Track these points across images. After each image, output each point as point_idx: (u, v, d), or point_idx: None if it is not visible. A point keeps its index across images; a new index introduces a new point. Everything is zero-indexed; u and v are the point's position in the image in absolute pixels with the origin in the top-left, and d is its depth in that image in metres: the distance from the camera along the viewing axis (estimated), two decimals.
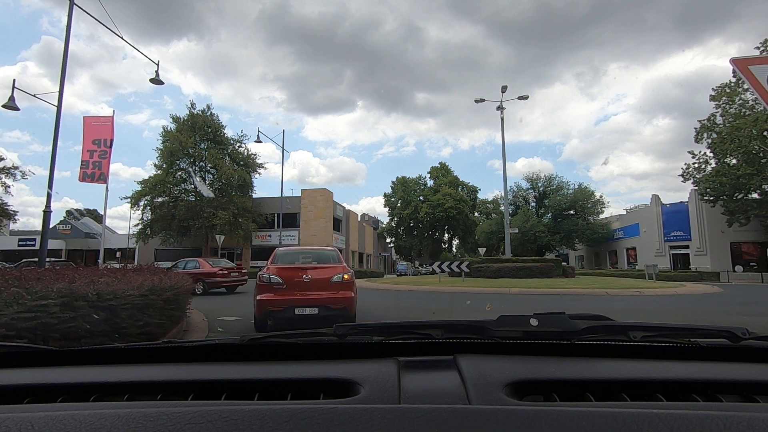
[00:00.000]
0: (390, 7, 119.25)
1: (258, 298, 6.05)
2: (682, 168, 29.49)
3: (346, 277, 6.30)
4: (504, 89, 19.27)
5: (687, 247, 31.12)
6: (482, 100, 20.50)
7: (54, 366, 0.88)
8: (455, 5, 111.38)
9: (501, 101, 19.92)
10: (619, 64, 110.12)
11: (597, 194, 41.57)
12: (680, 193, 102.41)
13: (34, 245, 38.53)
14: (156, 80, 17.07)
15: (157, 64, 17.18)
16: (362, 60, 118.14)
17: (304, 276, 6.14)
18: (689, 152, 29.26)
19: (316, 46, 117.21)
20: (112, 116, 23.75)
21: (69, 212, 50.58)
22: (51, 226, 37.93)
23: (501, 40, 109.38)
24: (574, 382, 0.73)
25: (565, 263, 23.87)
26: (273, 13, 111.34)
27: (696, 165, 29.00)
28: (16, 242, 39.59)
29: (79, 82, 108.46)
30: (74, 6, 11.60)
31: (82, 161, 23.39)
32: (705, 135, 28.29)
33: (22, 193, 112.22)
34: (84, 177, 23.81)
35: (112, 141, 23.87)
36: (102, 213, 35.16)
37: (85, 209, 59.90)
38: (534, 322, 0.90)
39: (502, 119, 20.00)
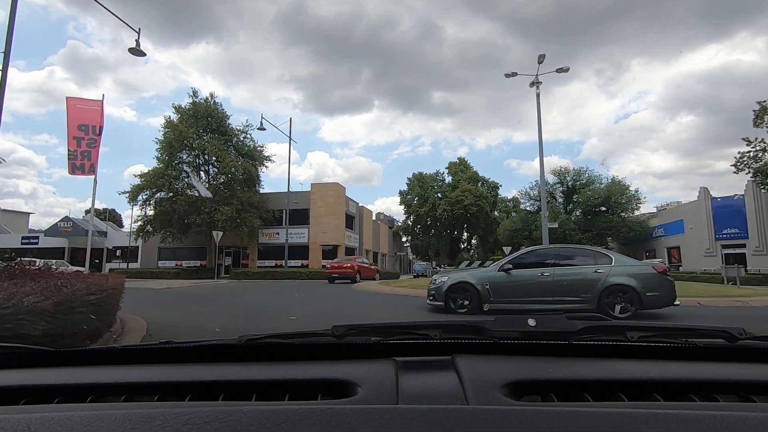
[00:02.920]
0: (406, 6, 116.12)
1: (326, 271, 21.06)
2: (735, 157, 25.99)
3: (350, 264, 20.47)
4: (541, 59, 16.45)
5: (743, 246, 27.54)
6: (514, 74, 17.72)
7: (51, 367, 0.87)
8: (472, 2, 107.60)
9: (536, 75, 17.10)
10: (640, 60, 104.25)
11: (632, 188, 38.00)
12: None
13: (37, 243, 37.25)
14: (136, 50, 14.83)
15: (138, 32, 14.92)
16: (379, 59, 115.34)
17: (335, 265, 20.79)
18: (743, 139, 25.70)
19: (333, 46, 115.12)
20: (101, 101, 21.65)
21: (87, 212, 49.93)
22: (53, 224, 36.01)
23: (519, 37, 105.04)
24: (571, 382, 0.73)
25: None
26: (289, 14, 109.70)
27: (752, 153, 25.51)
28: (20, 240, 38.31)
29: (103, 86, 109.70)
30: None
31: (69, 150, 21.25)
32: (766, 118, 24.81)
33: (48, 195, 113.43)
34: (74, 169, 21.67)
35: (101, 128, 21.67)
36: (120, 213, 33.74)
37: (102, 208, 59.23)
38: (532, 322, 0.90)
39: (537, 95, 17.17)
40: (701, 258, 29.01)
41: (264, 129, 23.83)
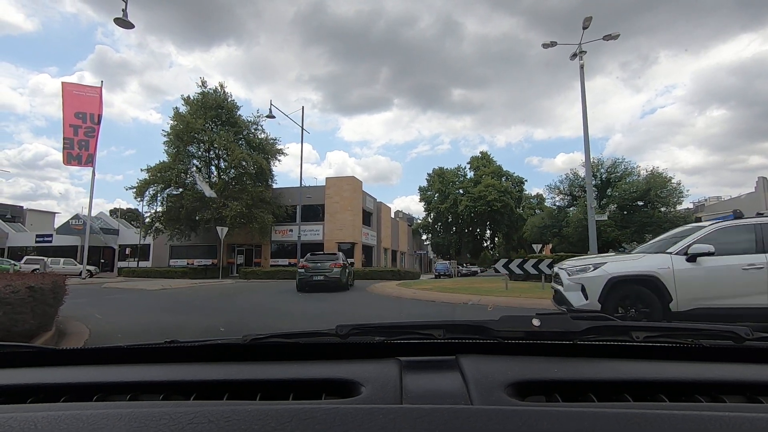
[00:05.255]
0: (426, 3, 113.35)
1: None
2: None
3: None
4: (586, 24, 14.11)
5: None
6: (553, 44, 15.40)
7: (56, 366, 0.88)
8: None
9: (579, 43, 14.75)
10: (668, 53, 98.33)
11: (674, 181, 34.62)
12: (738, 188, 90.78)
13: (50, 241, 36.77)
14: (122, 21, 13.20)
15: (126, 2, 13.28)
16: (398, 58, 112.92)
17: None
18: None
19: (351, 45, 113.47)
20: (101, 87, 20.21)
21: (112, 212, 49.89)
22: (63, 222, 35.16)
23: (542, 31, 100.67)
24: (576, 382, 0.73)
25: None
26: (308, 14, 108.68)
27: None
28: (34, 239, 37.94)
29: (129, 89, 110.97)
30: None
31: (64, 139, 19.72)
32: None
33: (80, 196, 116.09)
34: (69, 159, 20.18)
35: (100, 117, 20.11)
36: (143, 212, 32.55)
37: (126, 208, 59.16)
38: (536, 322, 0.90)
39: (581, 66, 14.84)
40: None
41: (273, 117, 22.15)
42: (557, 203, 41.92)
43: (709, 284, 5.36)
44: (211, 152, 27.86)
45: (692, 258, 5.38)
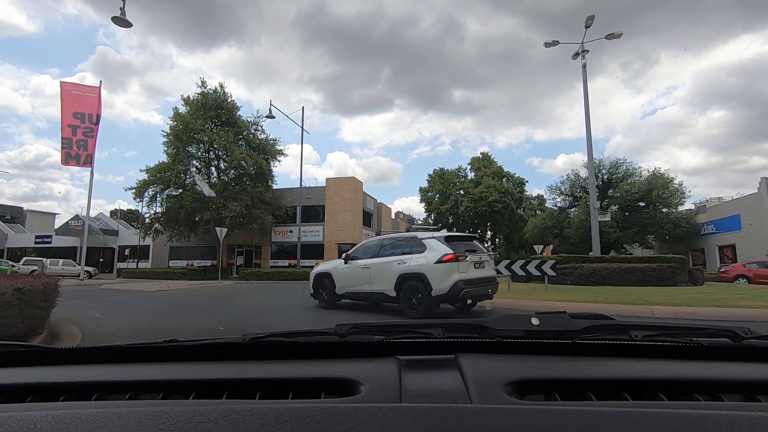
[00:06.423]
0: (427, 3, 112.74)
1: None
2: None
3: None
4: (589, 22, 13.95)
5: None
6: (555, 43, 15.25)
7: (56, 365, 0.88)
8: None
9: (582, 42, 14.60)
10: (669, 53, 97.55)
11: (676, 181, 34.47)
12: (740, 189, 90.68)
13: (50, 242, 36.66)
14: (120, 19, 13.09)
15: (124, 1, 13.15)
16: (399, 58, 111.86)
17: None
18: None
19: (352, 45, 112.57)
20: (99, 87, 20.06)
21: (112, 213, 49.77)
22: (63, 223, 35.04)
23: (543, 31, 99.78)
24: (575, 381, 0.74)
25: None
26: (309, 14, 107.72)
27: None
28: (33, 240, 37.81)
29: (131, 90, 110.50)
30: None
31: (63, 138, 19.50)
32: None
33: (81, 197, 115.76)
34: (67, 159, 19.97)
35: (98, 117, 19.96)
36: (143, 213, 32.40)
37: (127, 209, 58.94)
38: (535, 321, 0.91)
39: (583, 65, 14.68)
40: (762, 258, 25.68)
41: (273, 117, 22.04)
42: (558, 204, 41.87)
43: (348, 277, 8.02)
44: (211, 153, 27.76)
45: (346, 260, 8.19)
